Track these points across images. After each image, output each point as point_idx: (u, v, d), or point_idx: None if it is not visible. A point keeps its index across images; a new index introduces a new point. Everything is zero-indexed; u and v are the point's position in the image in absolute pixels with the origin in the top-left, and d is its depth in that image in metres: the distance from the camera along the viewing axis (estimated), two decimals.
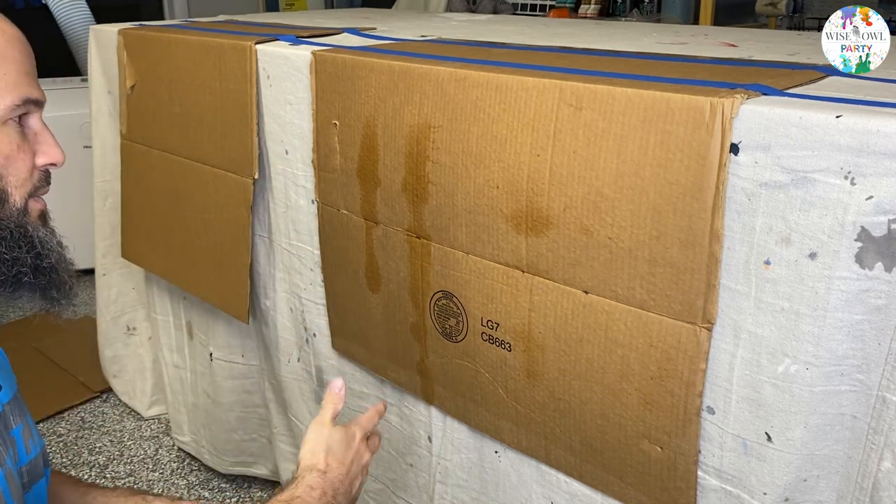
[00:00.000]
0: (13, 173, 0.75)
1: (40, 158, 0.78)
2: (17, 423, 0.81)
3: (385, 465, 1.31)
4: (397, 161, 1.04)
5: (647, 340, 0.83)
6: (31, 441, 0.84)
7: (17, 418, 0.82)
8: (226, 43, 1.30)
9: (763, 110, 0.72)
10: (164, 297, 1.78)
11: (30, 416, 0.86)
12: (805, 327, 0.74)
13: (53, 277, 0.80)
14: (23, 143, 0.76)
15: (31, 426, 0.84)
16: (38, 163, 0.78)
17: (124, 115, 1.60)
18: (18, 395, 0.85)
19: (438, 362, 1.09)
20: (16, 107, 0.74)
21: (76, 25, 2.53)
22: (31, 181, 0.77)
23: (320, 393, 1.39)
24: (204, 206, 1.43)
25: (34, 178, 0.78)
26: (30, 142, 0.77)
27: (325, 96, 1.14)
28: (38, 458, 0.84)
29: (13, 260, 0.75)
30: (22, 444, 0.81)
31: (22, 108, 0.75)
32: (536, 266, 0.91)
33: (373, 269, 1.14)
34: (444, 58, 1.04)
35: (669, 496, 0.88)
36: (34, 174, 0.78)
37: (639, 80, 0.84)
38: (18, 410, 0.83)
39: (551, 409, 0.95)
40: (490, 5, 3.62)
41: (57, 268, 0.80)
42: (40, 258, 0.78)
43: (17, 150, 0.75)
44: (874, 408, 0.74)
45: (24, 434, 0.82)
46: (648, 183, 0.78)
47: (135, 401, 2.06)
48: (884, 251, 0.68)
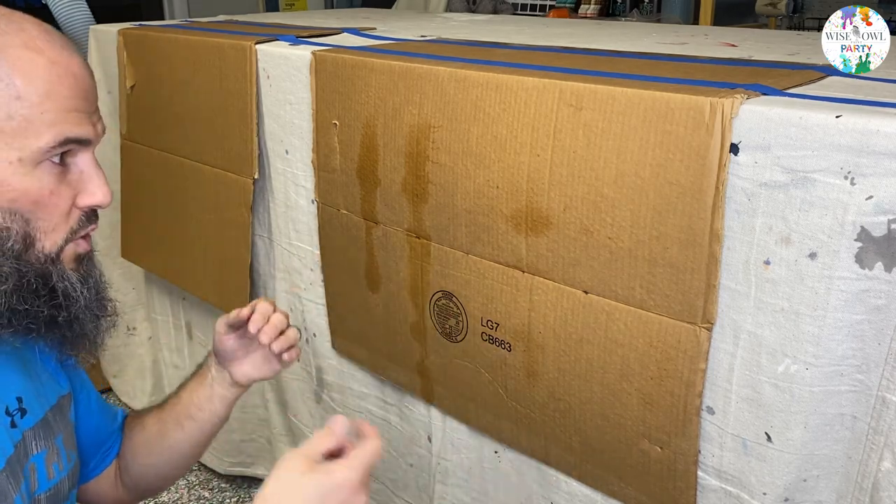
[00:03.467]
0: (43, 218, 0.69)
1: (83, 199, 0.72)
2: (41, 448, 0.78)
3: (385, 465, 1.31)
4: (397, 161, 1.04)
5: (646, 340, 0.83)
6: (57, 464, 0.80)
7: (40, 443, 0.78)
8: (226, 43, 1.30)
9: (763, 110, 0.72)
10: (164, 297, 1.78)
11: (62, 434, 0.82)
12: (805, 327, 0.74)
13: (69, 332, 0.73)
14: (58, 186, 0.70)
15: (59, 448, 0.81)
16: (80, 203, 0.72)
17: (124, 115, 1.60)
18: (49, 417, 0.80)
19: (438, 362, 1.09)
20: (50, 149, 0.68)
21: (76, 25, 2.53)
22: (66, 224, 0.71)
23: (320, 393, 1.39)
24: (204, 206, 1.43)
25: (71, 220, 0.72)
26: (71, 183, 0.71)
27: (325, 96, 1.14)
28: (62, 481, 0.81)
29: (26, 312, 0.70)
30: (44, 469, 0.78)
31: (59, 149, 0.69)
32: (536, 266, 0.91)
33: (373, 269, 1.14)
34: (444, 58, 1.04)
35: (669, 496, 0.88)
36: (72, 216, 0.72)
37: (639, 80, 0.84)
38: (45, 433, 0.79)
39: (551, 409, 0.95)
40: (490, 5, 3.62)
41: (79, 318, 0.74)
42: (58, 310, 0.72)
43: (48, 194, 0.69)
44: (874, 408, 0.74)
45: (49, 458, 0.79)
46: (648, 183, 0.78)
47: (135, 401, 2.06)
48: (884, 251, 0.68)
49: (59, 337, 0.73)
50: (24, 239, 0.68)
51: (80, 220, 0.73)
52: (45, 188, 0.69)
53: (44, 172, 0.68)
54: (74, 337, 0.74)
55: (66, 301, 0.72)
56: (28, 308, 0.70)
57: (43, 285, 0.70)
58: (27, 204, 0.68)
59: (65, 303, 0.72)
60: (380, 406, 1.28)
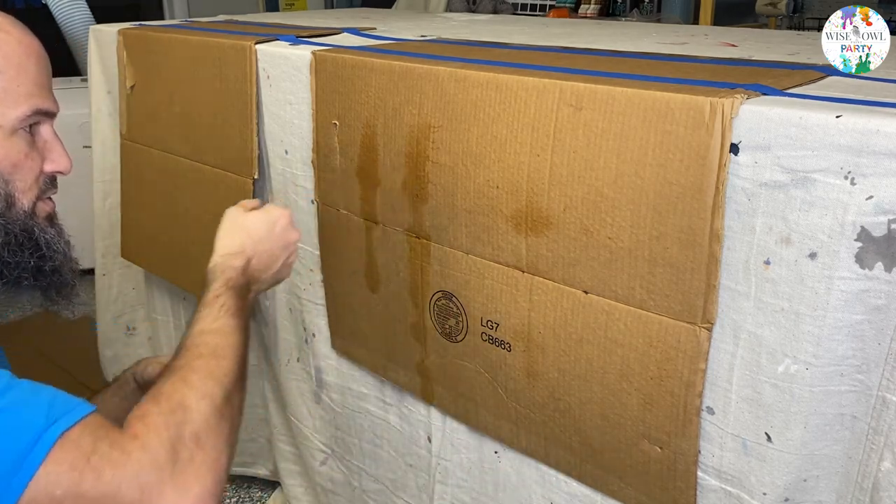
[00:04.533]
0: (20, 179, 0.78)
1: (48, 165, 0.81)
2: None
3: (385, 465, 1.31)
4: (397, 161, 1.04)
5: (646, 340, 0.83)
6: None
7: None
8: (226, 43, 1.30)
9: (763, 110, 0.72)
10: (164, 298, 1.78)
11: None
12: (805, 327, 0.74)
13: (55, 279, 0.82)
14: (31, 151, 0.79)
15: None
16: (46, 169, 0.81)
17: (124, 115, 1.60)
18: None
19: (438, 362, 1.09)
20: (26, 117, 0.77)
21: (76, 25, 2.53)
22: (37, 186, 0.80)
23: (320, 393, 1.39)
24: (204, 207, 1.43)
25: (40, 182, 0.81)
26: (39, 149, 0.80)
27: (325, 96, 1.14)
28: None
29: (16, 264, 0.78)
30: None
31: (32, 119, 0.78)
32: (536, 266, 0.91)
33: (372, 269, 1.14)
34: (444, 58, 1.04)
35: (669, 496, 0.88)
36: (40, 179, 0.81)
37: (639, 80, 0.84)
38: None
39: (551, 409, 0.95)
40: (490, 5, 3.62)
41: (60, 269, 0.82)
42: (43, 260, 0.80)
43: (24, 157, 0.78)
44: (874, 408, 0.74)
45: None
46: (648, 183, 0.78)
47: None
48: (884, 251, 0.68)
49: (46, 284, 0.82)
50: (7, 198, 0.77)
51: (46, 182, 0.82)
52: (21, 152, 0.77)
53: (19, 139, 0.77)
54: (59, 284, 0.83)
55: (49, 251, 0.81)
56: (18, 260, 0.78)
57: (28, 239, 0.79)
58: (8, 167, 0.76)
59: (48, 253, 0.81)
60: (380, 406, 1.28)
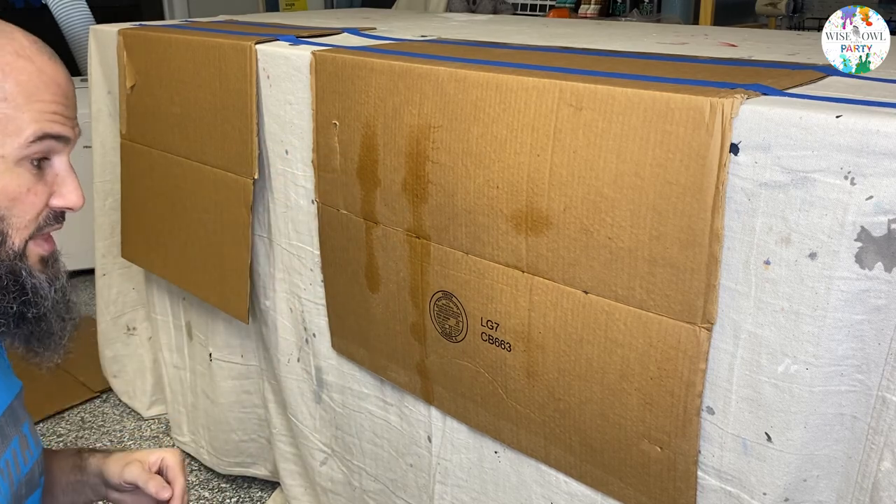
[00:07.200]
0: (17, 215, 0.71)
1: (56, 200, 0.74)
2: (14, 434, 0.79)
3: (385, 465, 1.31)
4: (397, 161, 1.04)
5: (646, 340, 0.83)
6: (28, 451, 0.81)
7: (12, 430, 0.79)
8: (226, 43, 1.30)
9: (763, 110, 0.72)
10: (164, 298, 1.78)
11: (28, 423, 0.83)
12: (805, 327, 0.74)
13: (38, 327, 0.75)
14: (35, 184, 0.72)
15: (27, 436, 0.82)
16: (54, 204, 0.74)
17: (124, 115, 1.60)
18: (15, 405, 0.81)
19: (438, 362, 1.09)
20: (29, 143, 0.70)
21: (76, 25, 2.53)
22: (35, 223, 0.73)
23: (320, 393, 1.39)
24: (204, 206, 1.43)
25: (41, 218, 0.74)
26: (48, 183, 0.74)
27: (325, 96, 1.14)
28: (33, 468, 0.82)
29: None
30: (20, 455, 0.79)
31: (37, 146, 0.71)
32: (536, 266, 0.91)
33: (373, 269, 1.14)
34: (444, 58, 1.04)
35: (669, 496, 0.88)
36: (42, 214, 0.74)
37: (639, 80, 0.84)
38: (13, 420, 0.80)
39: (551, 409, 0.95)
40: (490, 5, 3.62)
41: (47, 317, 0.76)
42: (27, 306, 0.73)
43: (26, 192, 0.71)
44: (874, 408, 0.74)
45: (21, 444, 0.80)
46: (648, 183, 0.78)
47: (135, 401, 2.06)
48: (884, 251, 0.68)
49: (28, 333, 0.75)
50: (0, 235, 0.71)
51: (47, 217, 0.75)
52: (24, 186, 0.71)
53: (23, 170, 0.71)
54: (42, 334, 0.76)
55: (35, 298, 0.74)
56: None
57: (13, 282, 0.73)
58: (4, 201, 0.70)
59: (34, 299, 0.74)
60: (380, 406, 1.28)
